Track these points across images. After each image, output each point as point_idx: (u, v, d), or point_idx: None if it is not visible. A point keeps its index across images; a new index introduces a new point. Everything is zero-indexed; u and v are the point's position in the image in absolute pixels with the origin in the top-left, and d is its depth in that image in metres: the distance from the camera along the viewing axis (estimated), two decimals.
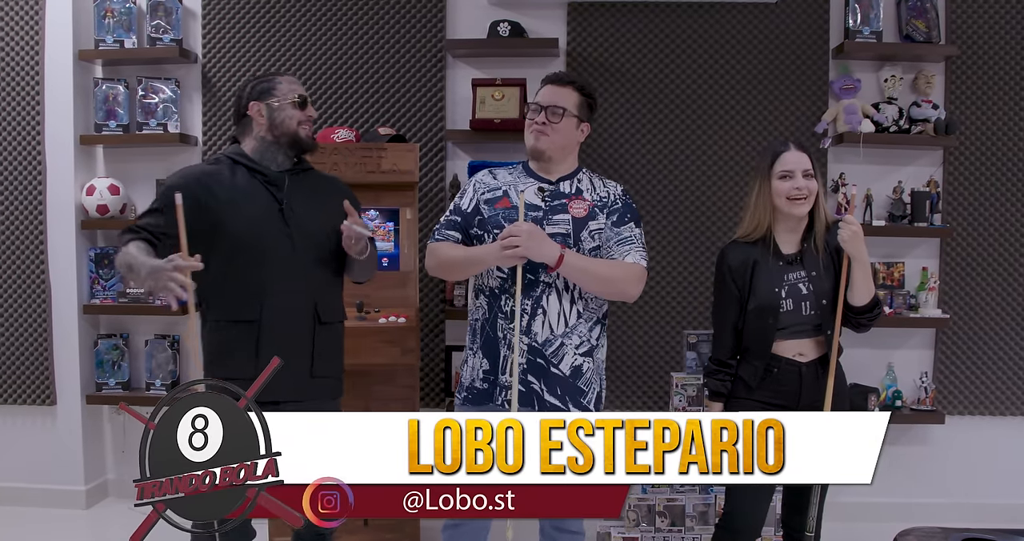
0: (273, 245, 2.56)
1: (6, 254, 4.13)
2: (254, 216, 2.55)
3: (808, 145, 3.87)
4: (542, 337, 2.61)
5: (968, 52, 3.99)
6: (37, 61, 4.07)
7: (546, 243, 2.53)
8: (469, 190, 2.76)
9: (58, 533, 3.92)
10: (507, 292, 2.62)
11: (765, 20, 4.02)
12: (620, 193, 2.76)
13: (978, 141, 4.01)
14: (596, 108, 2.78)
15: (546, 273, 2.59)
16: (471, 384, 2.69)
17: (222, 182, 2.58)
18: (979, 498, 4.07)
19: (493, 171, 2.79)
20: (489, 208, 2.68)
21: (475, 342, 2.70)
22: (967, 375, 4.07)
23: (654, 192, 4.06)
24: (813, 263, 2.66)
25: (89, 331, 4.22)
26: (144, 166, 4.21)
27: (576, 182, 2.72)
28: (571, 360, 2.63)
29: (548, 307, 2.61)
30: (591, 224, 2.65)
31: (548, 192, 2.66)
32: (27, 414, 4.22)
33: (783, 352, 2.68)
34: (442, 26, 4.09)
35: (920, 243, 4.06)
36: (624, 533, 3.66)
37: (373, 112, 4.11)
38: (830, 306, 2.63)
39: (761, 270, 2.67)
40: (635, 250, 2.67)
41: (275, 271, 2.55)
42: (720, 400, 2.78)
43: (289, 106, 2.62)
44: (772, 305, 2.65)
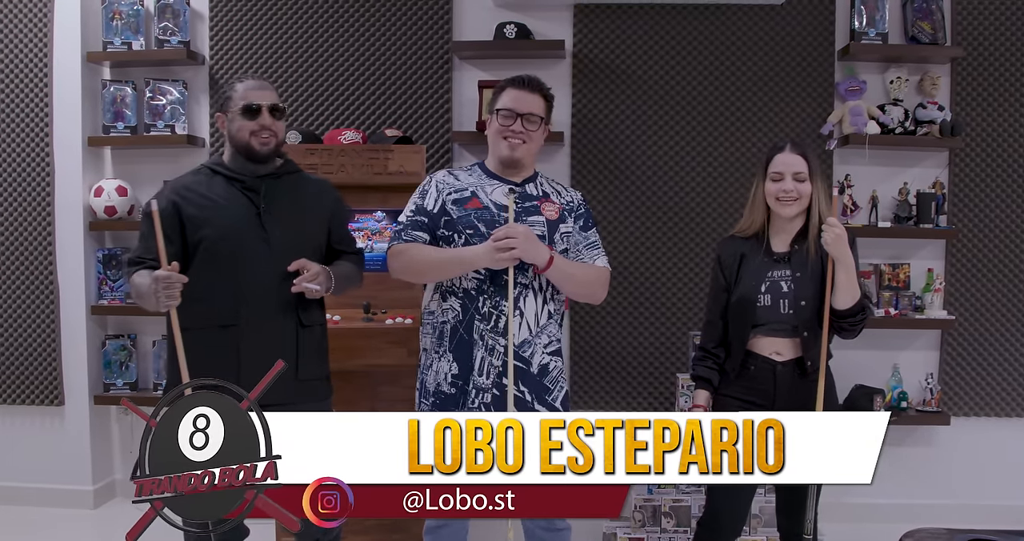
0: (251, 250, 2.56)
1: (15, 255, 4.15)
2: (230, 223, 2.56)
3: (814, 145, 3.90)
4: (519, 338, 2.61)
5: (974, 54, 3.99)
6: (45, 63, 4.09)
7: (540, 245, 2.54)
8: (431, 190, 2.70)
9: (66, 533, 3.93)
10: (484, 293, 2.61)
11: (771, 22, 4.02)
12: (581, 197, 2.80)
13: (984, 142, 4.01)
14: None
15: (523, 274, 2.59)
16: (437, 389, 2.67)
17: (200, 192, 2.59)
18: (985, 499, 4.07)
19: (452, 172, 2.76)
20: (458, 208, 2.64)
21: (442, 345, 2.66)
22: (973, 376, 4.07)
23: (660, 194, 4.06)
24: (801, 264, 2.66)
25: (97, 332, 4.24)
26: (152, 168, 4.23)
27: (539, 185, 2.74)
28: (539, 359, 2.64)
29: (525, 308, 2.62)
30: (561, 227, 2.66)
31: (518, 194, 2.65)
32: (35, 414, 4.24)
33: (760, 349, 2.69)
34: (448, 28, 4.10)
35: (926, 244, 4.06)
36: (630, 533, 3.66)
37: (380, 114, 4.12)
38: (809, 308, 2.63)
39: (748, 264, 2.71)
40: (601, 255, 2.74)
41: (254, 276, 2.55)
42: (706, 387, 2.79)
43: (239, 116, 2.58)
44: (750, 298, 2.67)
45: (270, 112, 2.59)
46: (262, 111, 2.57)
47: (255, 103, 2.57)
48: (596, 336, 4.12)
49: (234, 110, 2.59)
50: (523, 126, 2.62)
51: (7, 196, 4.14)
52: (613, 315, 4.09)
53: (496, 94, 2.72)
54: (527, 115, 2.62)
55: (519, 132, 2.62)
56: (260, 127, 2.57)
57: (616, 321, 4.10)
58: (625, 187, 4.07)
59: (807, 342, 2.64)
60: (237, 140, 2.60)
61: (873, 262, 4.03)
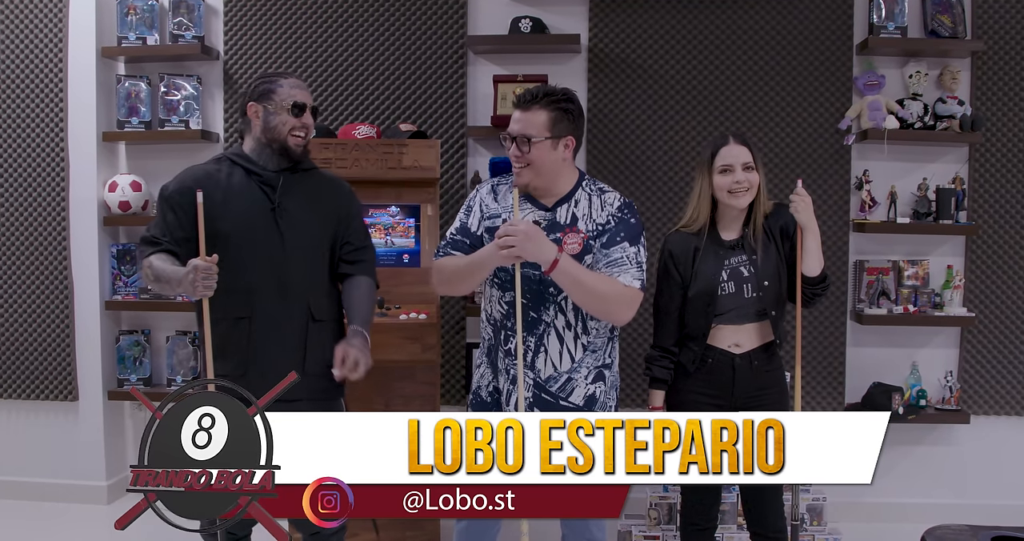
0: (264, 244, 2.58)
1: (30, 251, 4.16)
2: (245, 216, 2.58)
3: (833, 141, 3.87)
4: (545, 374, 2.58)
5: (994, 47, 3.94)
6: (60, 58, 4.10)
7: (544, 244, 2.43)
8: (476, 209, 2.67)
9: (80, 528, 3.94)
10: (508, 329, 2.58)
11: (789, 16, 3.98)
12: (616, 210, 2.60)
13: (1004, 137, 3.96)
14: (579, 115, 2.58)
15: (546, 311, 2.55)
16: (476, 391, 2.69)
17: (218, 182, 2.60)
18: (1005, 499, 4.02)
19: (496, 188, 2.68)
20: (490, 238, 2.57)
21: (482, 357, 2.70)
22: (993, 374, 4.02)
23: (676, 190, 4.03)
24: (754, 248, 2.71)
25: (111, 327, 4.25)
26: (166, 163, 4.22)
27: (573, 205, 2.59)
28: (583, 391, 2.60)
29: (548, 346, 2.58)
30: (586, 258, 2.55)
31: (545, 224, 2.55)
32: (50, 410, 4.25)
33: (719, 342, 2.72)
34: (464, 22, 4.08)
35: (945, 241, 4.01)
36: (646, 532, 3.64)
37: (394, 108, 4.11)
38: (773, 288, 2.69)
39: (704, 255, 2.73)
40: (626, 271, 2.53)
41: (265, 270, 2.57)
42: (662, 387, 2.80)
43: (284, 112, 2.61)
44: (711, 289, 2.69)
45: (312, 112, 2.66)
46: (306, 110, 2.63)
47: (303, 102, 2.62)
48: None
49: (278, 104, 2.60)
50: (518, 149, 2.52)
51: (22, 191, 4.15)
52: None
53: None
54: (519, 137, 2.52)
55: (517, 157, 2.53)
56: (301, 125, 2.62)
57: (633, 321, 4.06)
58: (641, 182, 4.04)
59: (775, 321, 2.71)
60: (275, 134, 2.61)
61: (892, 258, 3.99)
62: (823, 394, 4.02)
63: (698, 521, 2.85)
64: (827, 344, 4.01)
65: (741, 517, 3.58)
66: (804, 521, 3.60)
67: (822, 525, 3.63)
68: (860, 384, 4.01)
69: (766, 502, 2.76)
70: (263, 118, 2.62)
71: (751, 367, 2.71)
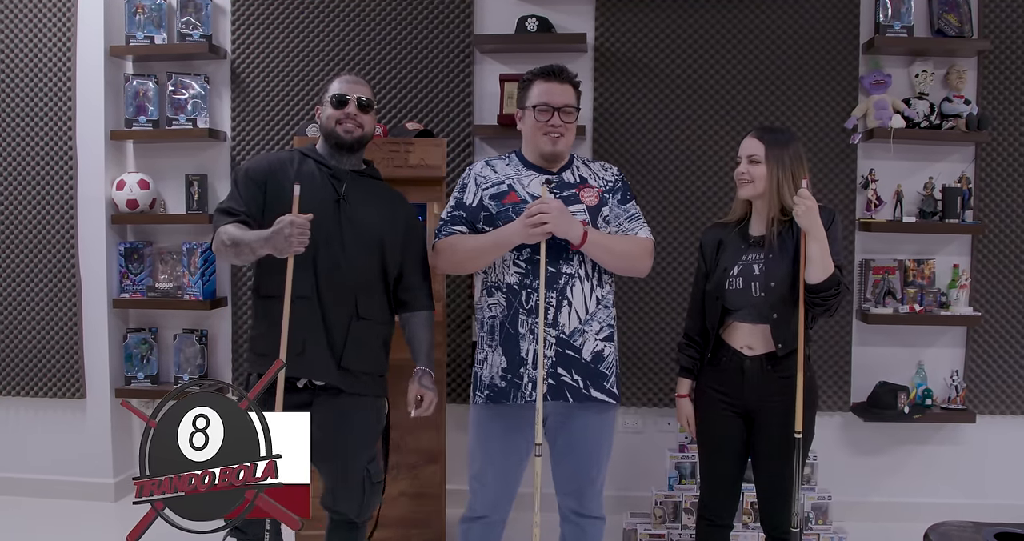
0: (327, 232, 2.63)
1: (38, 249, 4.18)
2: (312, 201, 2.60)
3: (839, 140, 3.87)
4: (569, 327, 2.61)
5: (1001, 47, 3.94)
6: (69, 57, 4.11)
7: (573, 220, 2.54)
8: (471, 183, 2.73)
9: (87, 525, 3.94)
10: (528, 287, 2.61)
11: (795, 15, 3.99)
12: (616, 172, 2.81)
13: (1011, 137, 3.96)
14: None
15: (567, 263, 2.59)
16: (491, 382, 2.68)
17: (288, 169, 2.70)
18: (1011, 498, 4.02)
19: (491, 162, 2.78)
20: (496, 204, 2.66)
21: (493, 340, 2.68)
22: (999, 374, 4.01)
23: (683, 187, 4.04)
24: (774, 246, 2.68)
25: (118, 325, 4.26)
26: (174, 161, 4.25)
27: (576, 170, 2.74)
28: (592, 346, 2.64)
29: (573, 297, 2.61)
30: (603, 210, 2.67)
31: (555, 184, 2.66)
32: (57, 407, 4.26)
33: (733, 341, 2.72)
34: (470, 22, 4.09)
35: (951, 240, 4.01)
36: (651, 530, 3.64)
37: (401, 107, 4.12)
38: (779, 289, 2.64)
39: (725, 248, 2.75)
40: (643, 226, 2.74)
41: (322, 259, 2.62)
42: (688, 376, 2.85)
43: (329, 106, 2.73)
44: (721, 283, 2.71)
45: (358, 104, 2.73)
46: (349, 102, 2.71)
47: (345, 94, 2.71)
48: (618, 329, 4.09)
49: (325, 101, 2.74)
50: (561, 119, 2.63)
51: (30, 190, 4.16)
52: (634, 308, 4.06)
53: (525, 87, 2.72)
54: (563, 108, 2.63)
55: (558, 126, 2.63)
56: (346, 116, 2.70)
57: (637, 315, 4.07)
58: (647, 181, 4.04)
59: (776, 324, 2.64)
60: (325, 128, 2.74)
61: (898, 258, 3.99)
62: (829, 393, 4.02)
63: (713, 517, 2.82)
64: (833, 343, 4.02)
65: (747, 516, 3.59)
66: (809, 519, 3.61)
67: (827, 524, 3.63)
68: (866, 383, 4.01)
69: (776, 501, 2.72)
70: (320, 116, 2.76)
71: (762, 371, 2.68)
